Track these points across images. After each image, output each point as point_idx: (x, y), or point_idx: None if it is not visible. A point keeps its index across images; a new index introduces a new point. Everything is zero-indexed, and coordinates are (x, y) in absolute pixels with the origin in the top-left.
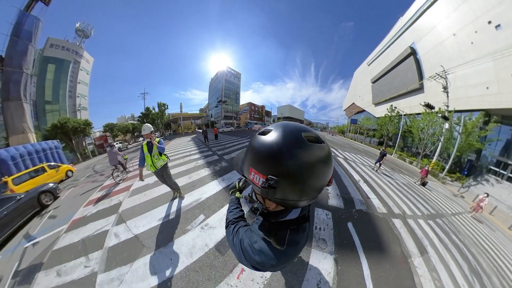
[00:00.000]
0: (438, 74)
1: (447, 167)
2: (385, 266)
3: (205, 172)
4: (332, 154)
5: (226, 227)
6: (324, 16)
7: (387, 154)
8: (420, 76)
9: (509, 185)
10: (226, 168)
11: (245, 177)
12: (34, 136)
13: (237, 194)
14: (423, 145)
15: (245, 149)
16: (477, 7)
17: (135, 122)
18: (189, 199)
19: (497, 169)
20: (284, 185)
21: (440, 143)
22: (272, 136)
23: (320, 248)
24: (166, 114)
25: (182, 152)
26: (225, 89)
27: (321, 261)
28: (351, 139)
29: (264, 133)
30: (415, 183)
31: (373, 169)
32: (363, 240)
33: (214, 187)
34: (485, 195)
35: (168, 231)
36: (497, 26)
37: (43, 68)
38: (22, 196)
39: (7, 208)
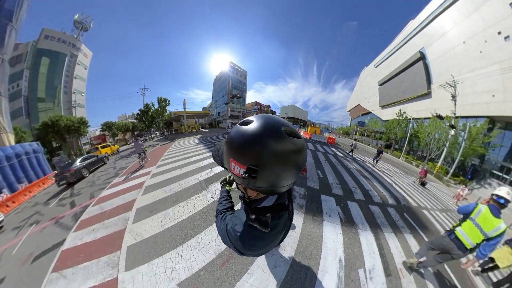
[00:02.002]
0: (448, 83)
1: (451, 170)
2: (431, 238)
3: None
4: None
5: (216, 216)
6: (327, 15)
7: (383, 152)
8: (429, 81)
9: None
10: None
11: (225, 168)
12: (11, 137)
13: (227, 187)
14: (429, 149)
15: (225, 140)
16: (488, 17)
17: (135, 121)
18: None
19: (500, 174)
20: (264, 174)
21: (445, 148)
22: (253, 127)
23: (406, 232)
24: (168, 112)
25: (192, 166)
26: (232, 87)
27: (410, 240)
28: (357, 141)
29: (246, 123)
30: (414, 182)
31: (372, 166)
32: (416, 223)
33: None
34: (464, 186)
35: None
36: (506, 38)
37: (36, 61)
38: (98, 156)
39: (93, 159)
